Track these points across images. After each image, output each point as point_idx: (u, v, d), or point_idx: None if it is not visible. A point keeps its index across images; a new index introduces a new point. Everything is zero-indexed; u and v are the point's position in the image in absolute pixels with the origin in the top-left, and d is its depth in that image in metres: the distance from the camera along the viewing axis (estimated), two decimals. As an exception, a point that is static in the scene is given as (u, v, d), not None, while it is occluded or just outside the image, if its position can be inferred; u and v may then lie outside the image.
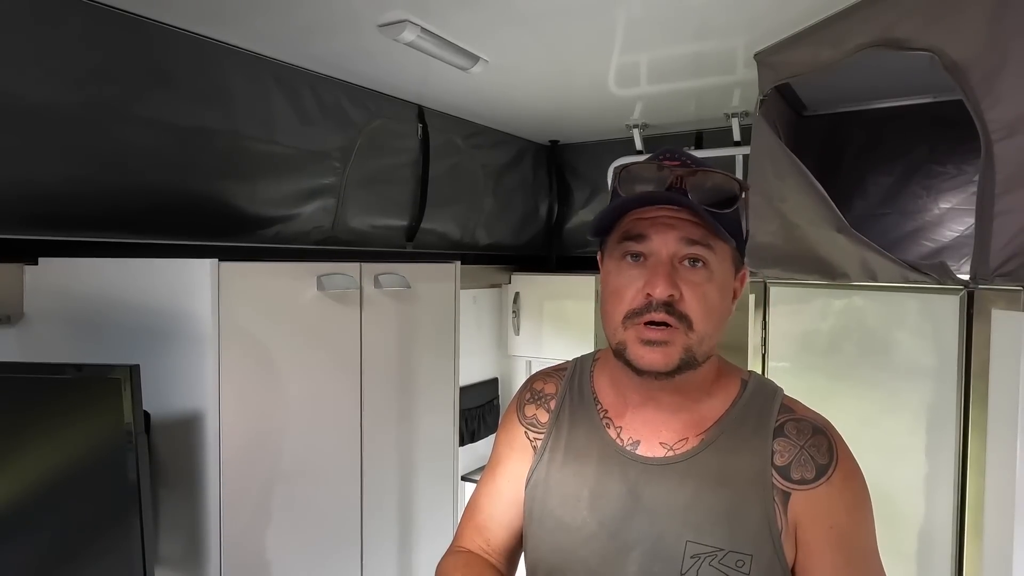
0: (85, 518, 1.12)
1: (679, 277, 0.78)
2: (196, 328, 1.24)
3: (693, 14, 1.47)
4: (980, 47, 1.18)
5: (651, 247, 0.78)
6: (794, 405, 0.86)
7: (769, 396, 0.86)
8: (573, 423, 0.91)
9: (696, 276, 0.78)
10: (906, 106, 2.03)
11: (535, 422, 0.95)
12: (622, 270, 0.81)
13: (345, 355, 1.57)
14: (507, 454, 0.96)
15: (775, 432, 0.81)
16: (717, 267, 0.79)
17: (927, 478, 1.33)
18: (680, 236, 0.78)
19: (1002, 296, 1.17)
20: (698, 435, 0.83)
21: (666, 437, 0.84)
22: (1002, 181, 1.16)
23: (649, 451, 0.84)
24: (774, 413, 0.83)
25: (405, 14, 1.44)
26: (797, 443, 0.80)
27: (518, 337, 2.93)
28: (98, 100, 1.41)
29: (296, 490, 1.44)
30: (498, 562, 0.94)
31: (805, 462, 0.79)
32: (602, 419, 0.89)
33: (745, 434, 0.82)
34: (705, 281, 0.78)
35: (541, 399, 0.96)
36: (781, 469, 0.79)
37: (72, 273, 1.41)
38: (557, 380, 0.97)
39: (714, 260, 0.79)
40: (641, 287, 0.78)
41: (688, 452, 0.82)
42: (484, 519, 0.96)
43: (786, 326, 1.64)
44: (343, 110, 1.96)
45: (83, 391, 1.11)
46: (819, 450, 0.79)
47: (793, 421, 0.82)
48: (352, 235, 2.12)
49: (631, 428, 0.86)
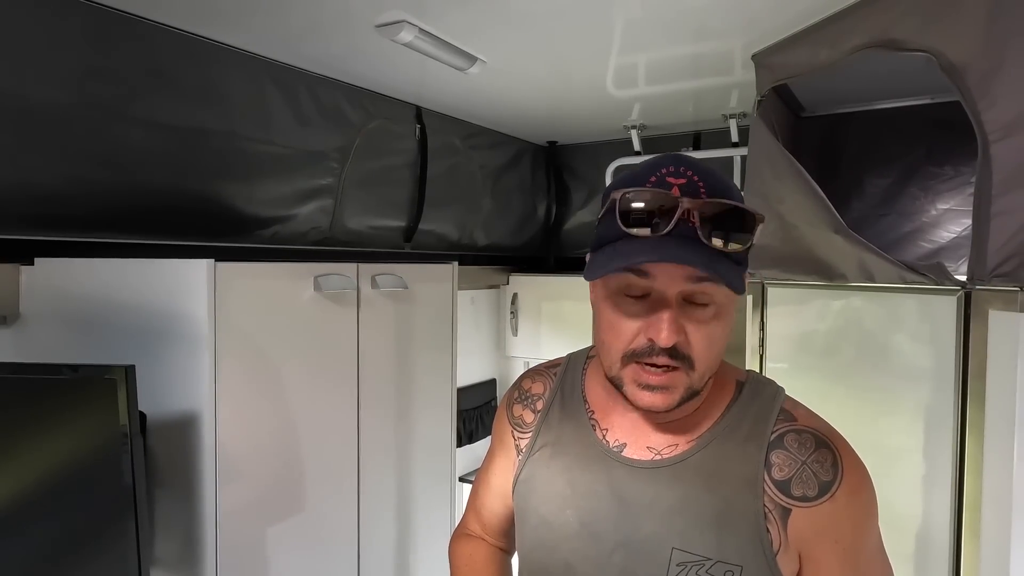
0: (80, 519, 1.11)
1: (685, 316, 0.71)
2: (192, 329, 1.23)
3: (691, 15, 1.47)
4: (977, 48, 1.18)
5: (654, 286, 0.71)
6: (795, 409, 0.80)
7: (768, 399, 0.81)
8: (561, 422, 0.89)
9: (703, 315, 0.72)
10: (904, 108, 2.04)
11: (520, 422, 0.95)
12: (620, 305, 0.74)
13: (342, 356, 1.56)
14: (496, 448, 1.00)
15: (774, 443, 0.77)
16: (724, 300, 0.73)
17: (924, 479, 1.33)
18: (687, 274, 0.70)
19: (999, 297, 1.17)
20: (689, 441, 0.80)
21: (654, 442, 0.81)
22: (999, 182, 1.16)
23: (636, 454, 0.81)
24: (771, 419, 0.78)
25: (402, 14, 1.44)
26: (798, 458, 0.75)
27: (516, 338, 2.93)
28: (95, 100, 1.40)
29: (292, 491, 1.44)
30: (495, 541, 1.03)
31: (807, 479, 0.74)
32: (589, 419, 0.87)
33: (738, 440, 0.78)
34: (712, 319, 0.72)
35: (528, 399, 0.96)
36: (780, 483, 0.75)
37: (68, 273, 1.40)
38: (547, 379, 0.96)
39: (722, 295, 0.72)
40: (643, 327, 0.72)
41: (676, 457, 0.79)
42: (480, 505, 1.03)
43: (784, 327, 1.64)
44: (341, 111, 1.96)
45: (79, 392, 1.11)
46: (823, 466, 0.75)
47: (794, 432, 0.77)
48: (350, 236, 2.11)
49: (618, 431, 0.84)
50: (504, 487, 0.95)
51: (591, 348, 0.95)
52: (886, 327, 1.45)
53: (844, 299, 1.52)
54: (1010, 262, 1.15)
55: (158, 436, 1.27)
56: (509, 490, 0.93)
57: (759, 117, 1.62)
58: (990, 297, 1.19)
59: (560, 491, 0.84)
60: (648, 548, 0.77)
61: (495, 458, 0.99)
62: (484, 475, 1.02)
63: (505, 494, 0.95)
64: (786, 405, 0.81)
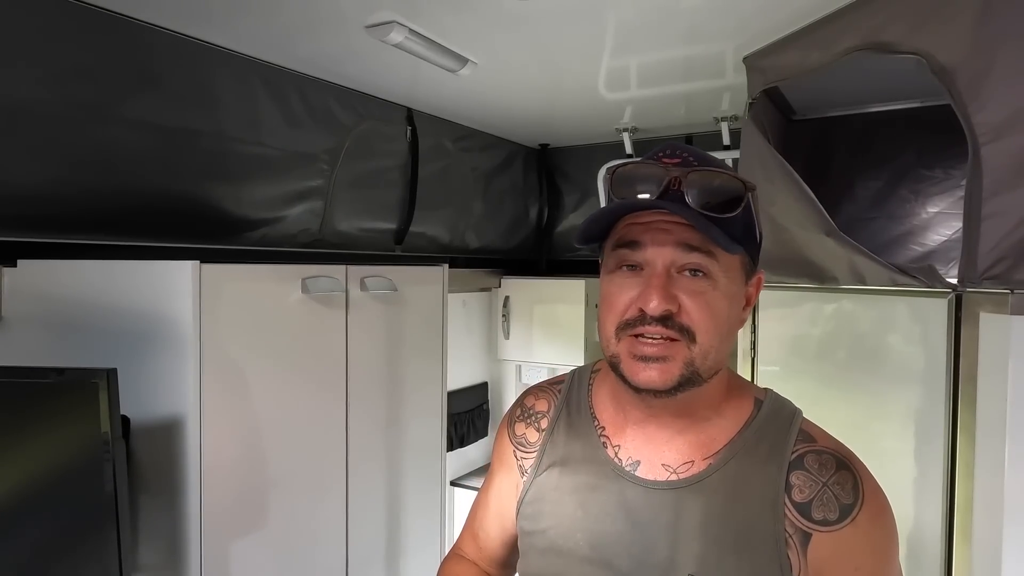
0: (60, 526, 1.09)
1: (678, 287, 0.71)
2: (177, 331, 1.21)
3: (682, 18, 1.47)
4: (967, 51, 1.18)
5: (646, 256, 0.72)
6: (813, 431, 0.78)
7: (786, 419, 0.78)
8: (569, 440, 0.85)
9: (697, 285, 0.71)
10: (894, 111, 2.04)
11: (524, 441, 0.91)
12: (615, 280, 0.74)
13: (331, 359, 1.55)
14: (497, 468, 0.95)
15: (794, 463, 0.74)
16: (722, 274, 0.72)
17: (916, 482, 1.33)
18: (677, 242, 0.70)
19: (990, 299, 1.17)
20: (705, 458, 0.76)
21: (669, 459, 0.77)
22: (989, 184, 1.16)
23: (650, 473, 0.77)
24: (791, 439, 0.75)
25: (393, 15, 1.43)
26: (819, 479, 0.73)
27: (508, 341, 2.91)
28: (81, 100, 1.39)
29: (279, 496, 1.42)
30: (489, 566, 0.97)
31: (828, 501, 0.72)
32: (599, 436, 0.83)
33: (758, 460, 0.75)
34: (709, 289, 0.71)
35: (531, 417, 0.92)
36: (800, 506, 0.72)
37: (52, 275, 1.38)
38: (550, 396, 0.92)
39: (717, 268, 0.71)
40: (635, 298, 0.71)
41: (694, 476, 0.75)
42: (478, 527, 0.98)
43: (776, 330, 1.63)
44: (331, 112, 1.95)
45: (60, 396, 1.08)
46: (844, 488, 0.72)
47: (814, 453, 0.74)
48: (340, 238, 2.10)
49: (631, 447, 0.80)
50: (504, 509, 0.92)
51: (596, 362, 0.93)
52: (878, 330, 1.45)
53: (836, 302, 1.52)
54: (1001, 264, 1.15)
55: (142, 440, 1.25)
56: (510, 513, 0.89)
57: (750, 120, 1.62)
58: (981, 300, 1.19)
59: (570, 513, 0.80)
60: (663, 574, 0.74)
61: (495, 479, 0.95)
62: (483, 496, 0.98)
63: (505, 517, 0.92)
64: (804, 426, 0.78)
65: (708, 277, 0.71)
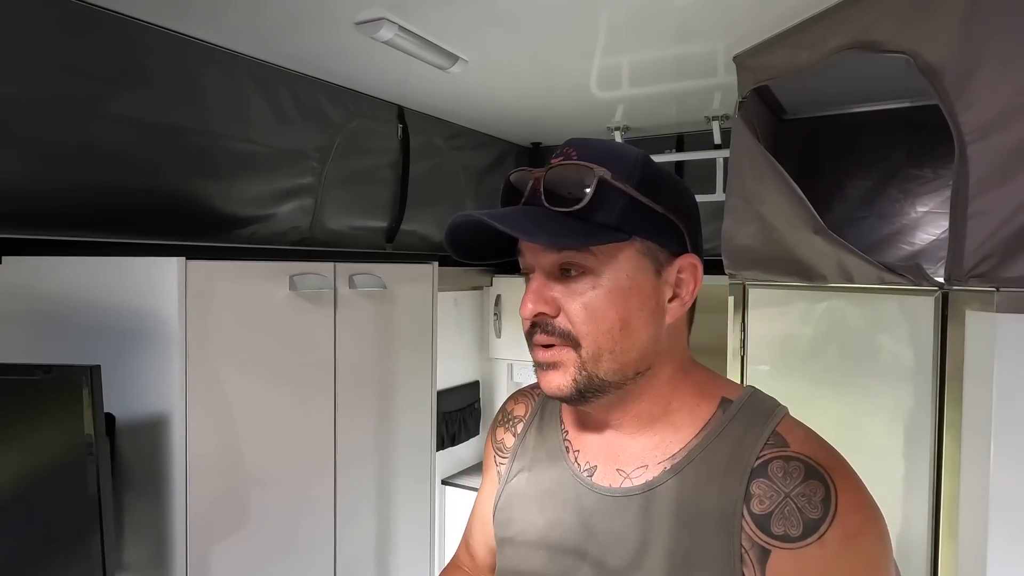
0: (44, 525, 1.08)
1: (559, 290, 0.69)
2: (163, 328, 1.21)
3: (673, 17, 1.47)
4: (953, 50, 1.19)
5: (527, 262, 0.71)
6: (791, 433, 0.68)
7: (759, 421, 0.69)
8: (537, 445, 0.84)
9: (578, 286, 0.68)
10: (884, 110, 2.05)
11: (502, 447, 0.91)
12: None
13: (319, 357, 1.54)
14: (484, 474, 0.97)
15: (757, 470, 0.66)
16: (607, 269, 0.67)
17: (903, 479, 1.33)
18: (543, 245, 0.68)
19: (976, 297, 1.17)
20: (660, 463, 0.71)
21: (624, 463, 0.74)
22: (976, 183, 1.16)
23: (605, 479, 0.74)
24: (760, 443, 0.67)
25: (382, 12, 1.43)
26: (781, 489, 0.64)
27: (500, 340, 2.91)
28: (67, 95, 1.37)
29: (266, 495, 1.41)
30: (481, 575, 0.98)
31: (790, 514, 0.63)
32: (563, 441, 0.82)
33: (718, 466, 0.68)
34: (588, 289, 0.67)
35: (510, 422, 0.91)
36: (759, 518, 0.64)
37: (37, 272, 1.37)
38: (529, 400, 0.91)
39: (598, 263, 0.67)
40: None
41: (646, 484, 0.70)
42: (469, 535, 0.99)
43: (765, 329, 1.63)
44: (321, 109, 1.94)
45: (44, 393, 1.08)
46: (810, 500, 0.63)
47: (782, 459, 0.65)
48: (330, 236, 2.09)
49: (589, 452, 0.78)
50: (486, 516, 0.91)
51: None
52: (866, 328, 1.45)
53: (825, 300, 1.52)
54: (986, 262, 1.15)
55: (128, 438, 1.24)
56: (491, 518, 0.89)
57: (741, 119, 1.62)
58: (967, 298, 1.19)
59: (532, 520, 0.79)
60: None
61: (482, 485, 0.96)
62: (475, 504, 0.99)
63: (487, 523, 0.91)
64: (780, 428, 0.68)
65: (589, 275, 0.68)
